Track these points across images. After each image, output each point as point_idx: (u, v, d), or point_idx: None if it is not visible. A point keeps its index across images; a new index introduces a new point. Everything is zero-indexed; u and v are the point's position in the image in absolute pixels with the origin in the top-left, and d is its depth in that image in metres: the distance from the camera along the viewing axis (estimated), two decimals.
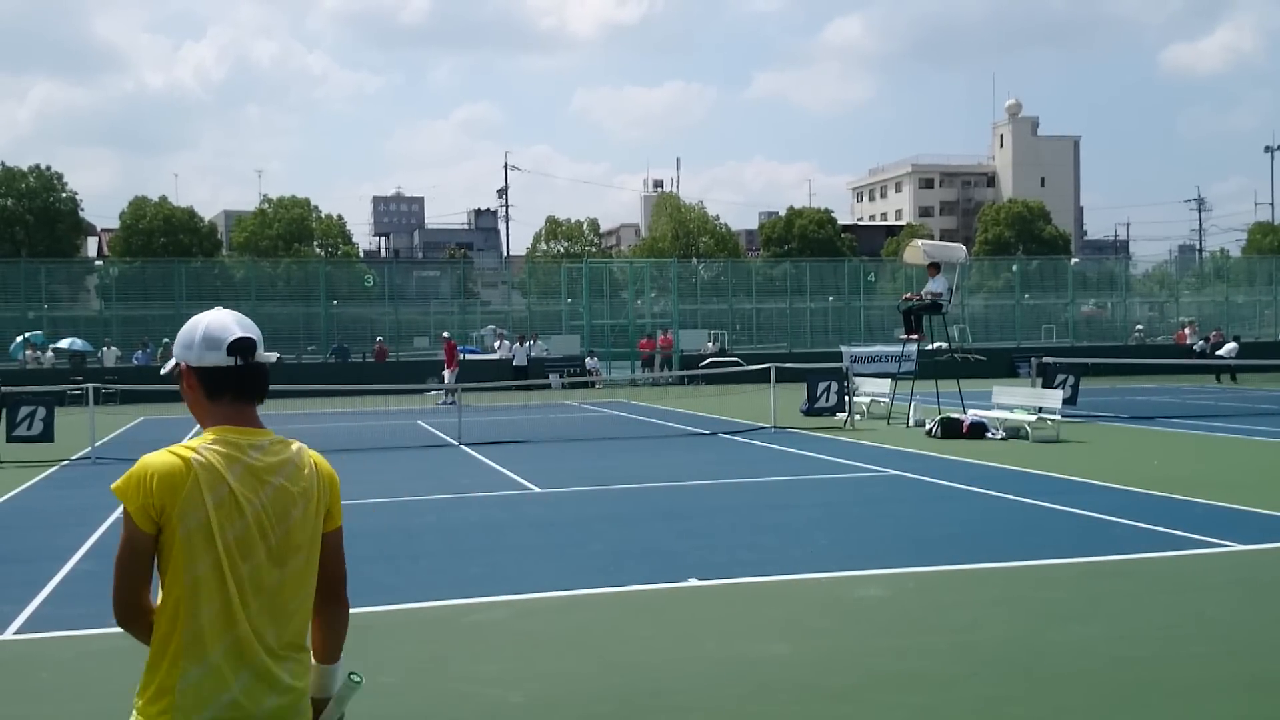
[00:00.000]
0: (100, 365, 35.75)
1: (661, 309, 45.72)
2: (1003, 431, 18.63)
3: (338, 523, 2.86)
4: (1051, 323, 49.37)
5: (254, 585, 2.63)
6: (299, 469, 2.74)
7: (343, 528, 2.88)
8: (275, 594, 2.67)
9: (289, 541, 2.69)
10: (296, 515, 2.71)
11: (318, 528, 2.78)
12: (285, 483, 2.70)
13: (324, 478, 2.81)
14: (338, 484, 2.86)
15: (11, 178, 61.57)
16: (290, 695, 2.68)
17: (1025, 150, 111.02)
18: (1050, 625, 7.15)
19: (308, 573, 2.76)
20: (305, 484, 2.74)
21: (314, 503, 2.75)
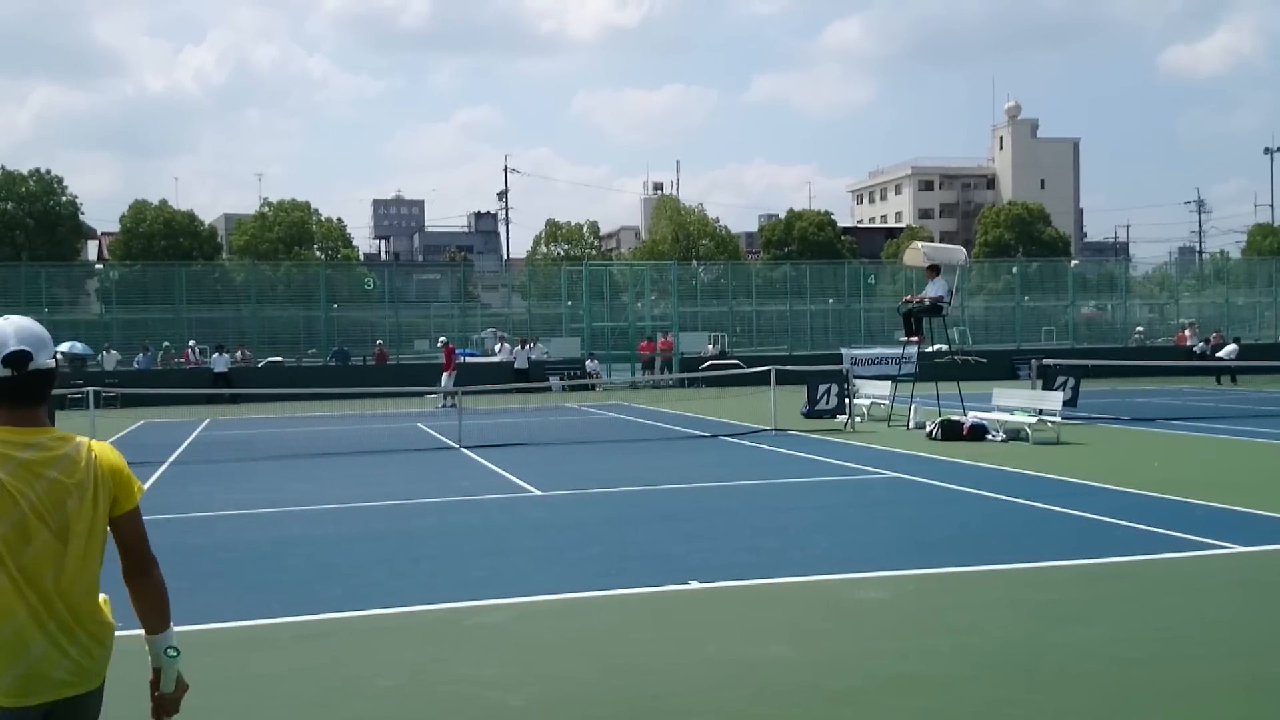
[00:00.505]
0: (100, 369, 35.73)
1: (662, 311, 45.72)
2: (1003, 433, 18.61)
3: (128, 506, 3.15)
4: (1051, 325, 49.36)
5: (40, 566, 2.94)
6: (74, 463, 3.02)
7: (139, 509, 3.20)
8: (62, 573, 2.99)
9: (69, 527, 2.99)
10: (73, 504, 3.00)
11: (99, 514, 3.07)
12: (60, 475, 2.98)
13: (104, 469, 3.08)
14: (122, 472, 3.14)
15: (12, 181, 61.61)
16: (82, 661, 3.04)
17: (1025, 152, 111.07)
18: (1051, 627, 7.13)
19: (90, 554, 3.06)
20: (81, 476, 3.02)
21: (91, 492, 3.03)
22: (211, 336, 40.72)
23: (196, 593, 8.57)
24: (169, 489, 14.70)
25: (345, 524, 11.70)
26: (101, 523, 3.09)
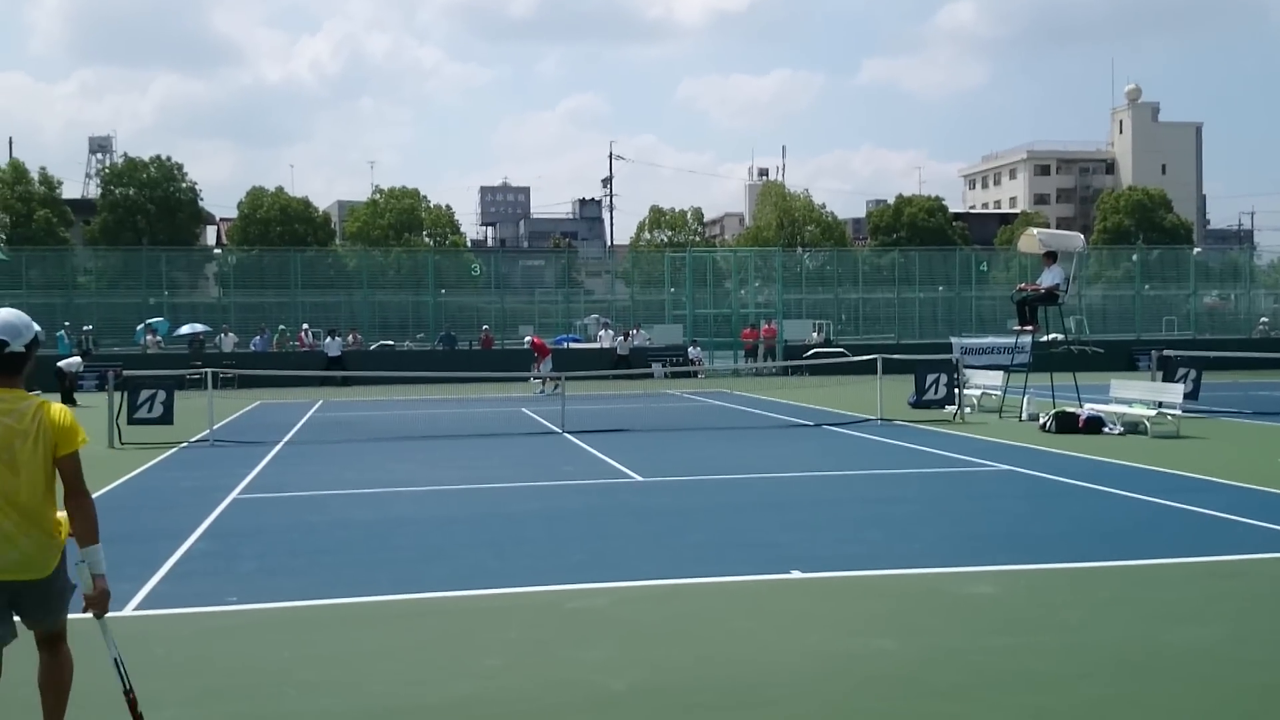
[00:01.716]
0: (218, 351, 36.91)
1: (765, 298, 45.46)
2: (1120, 426, 18.07)
3: (64, 451, 4.35)
4: (1172, 314, 47.81)
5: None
6: (23, 415, 4.29)
7: (77, 453, 4.40)
8: (17, 493, 4.27)
9: (16, 459, 4.26)
10: (19, 444, 4.27)
11: (43, 454, 4.31)
12: (11, 423, 4.28)
13: (49, 422, 4.33)
14: (62, 425, 4.35)
15: (134, 168, 64.02)
16: (24, 553, 4.30)
17: (1145, 136, 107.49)
18: (1166, 626, 6.90)
19: (35, 482, 4.30)
20: (27, 425, 4.28)
21: (33, 437, 4.28)
22: (324, 320, 41.82)
23: (310, 569, 8.81)
24: (284, 468, 15.12)
25: (450, 506, 11.89)
26: (45, 459, 4.31)
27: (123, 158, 67.41)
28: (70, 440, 4.36)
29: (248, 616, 7.44)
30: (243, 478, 13.98)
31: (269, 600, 7.74)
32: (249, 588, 8.13)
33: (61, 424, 4.34)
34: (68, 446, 4.35)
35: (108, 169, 69.25)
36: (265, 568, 8.86)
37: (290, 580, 8.39)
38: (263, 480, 13.91)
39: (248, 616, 7.44)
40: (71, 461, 4.36)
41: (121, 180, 63.80)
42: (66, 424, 4.36)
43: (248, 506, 11.89)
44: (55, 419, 4.33)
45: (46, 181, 61.89)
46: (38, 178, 61.50)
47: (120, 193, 63.22)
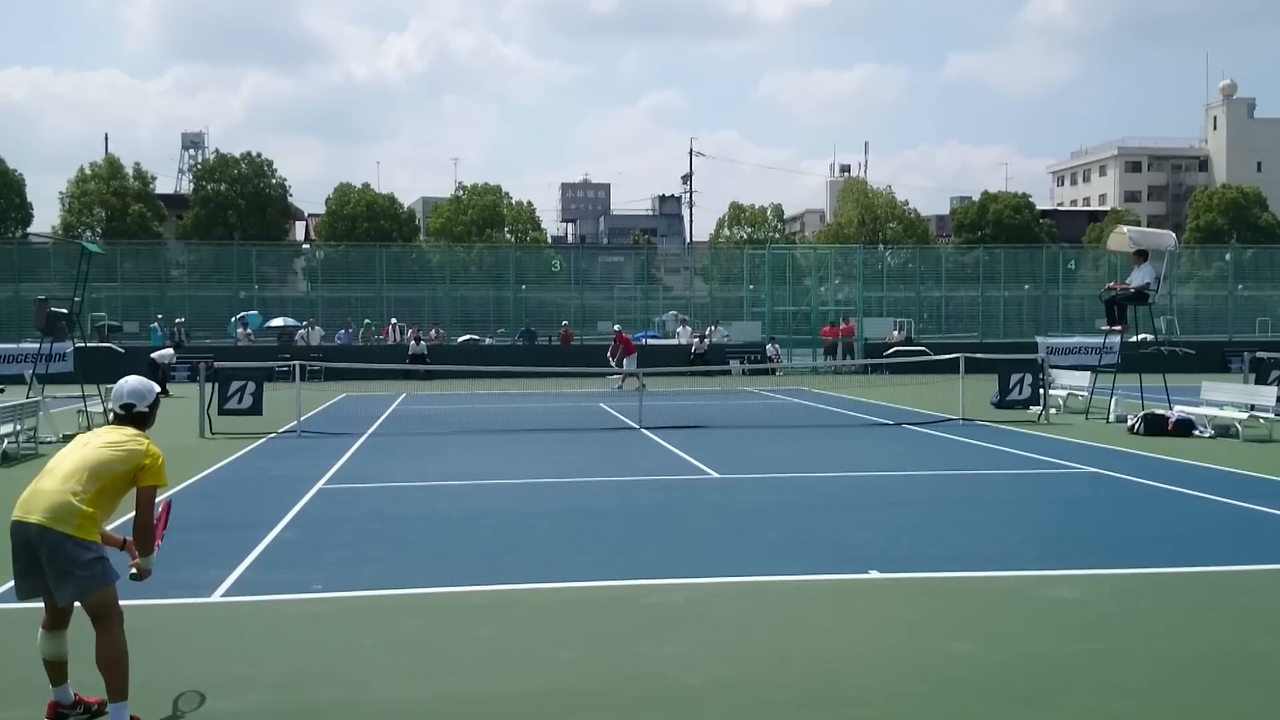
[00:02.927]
0: (306, 344, 37.66)
1: (845, 296, 45.06)
2: (1211, 429, 17.61)
3: (144, 484, 5.30)
4: (1267, 315, 46.38)
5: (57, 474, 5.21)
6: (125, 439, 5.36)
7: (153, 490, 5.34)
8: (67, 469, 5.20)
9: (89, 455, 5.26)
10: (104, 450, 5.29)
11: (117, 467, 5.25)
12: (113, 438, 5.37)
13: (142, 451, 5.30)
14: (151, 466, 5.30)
15: (225, 164, 65.60)
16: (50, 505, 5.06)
17: (1240, 133, 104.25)
18: (1257, 634, 6.72)
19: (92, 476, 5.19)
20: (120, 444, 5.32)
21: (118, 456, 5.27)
22: (409, 315, 42.43)
23: (392, 559, 8.97)
24: (368, 459, 15.39)
25: (529, 499, 12.01)
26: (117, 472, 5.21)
27: (214, 154, 69.12)
28: (149, 477, 5.25)
29: (331, 604, 7.60)
30: (328, 468, 14.26)
31: (352, 589, 7.90)
32: (333, 576, 8.30)
33: (150, 462, 5.27)
34: (146, 480, 5.25)
35: (200, 165, 71.14)
36: (349, 557, 9.04)
37: (373, 570, 8.55)
38: (347, 471, 14.17)
39: (331, 604, 7.60)
40: (148, 493, 5.26)
41: (213, 176, 65.41)
42: (154, 464, 5.28)
43: (333, 497, 12.13)
44: (149, 452, 5.28)
45: (141, 177, 63.69)
46: (132, 173, 63.31)
47: (212, 188, 64.82)
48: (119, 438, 5.31)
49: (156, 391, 5.65)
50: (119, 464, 5.20)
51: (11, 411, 15.50)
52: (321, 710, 5.52)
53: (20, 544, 5.09)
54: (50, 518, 5.02)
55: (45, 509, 5.03)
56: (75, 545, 5.02)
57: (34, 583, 5.11)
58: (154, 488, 5.25)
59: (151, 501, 5.25)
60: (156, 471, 5.26)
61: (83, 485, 5.10)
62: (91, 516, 5.09)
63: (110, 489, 5.18)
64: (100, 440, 5.29)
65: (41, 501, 5.07)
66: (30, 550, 5.06)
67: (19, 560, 5.12)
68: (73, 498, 5.05)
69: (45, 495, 5.08)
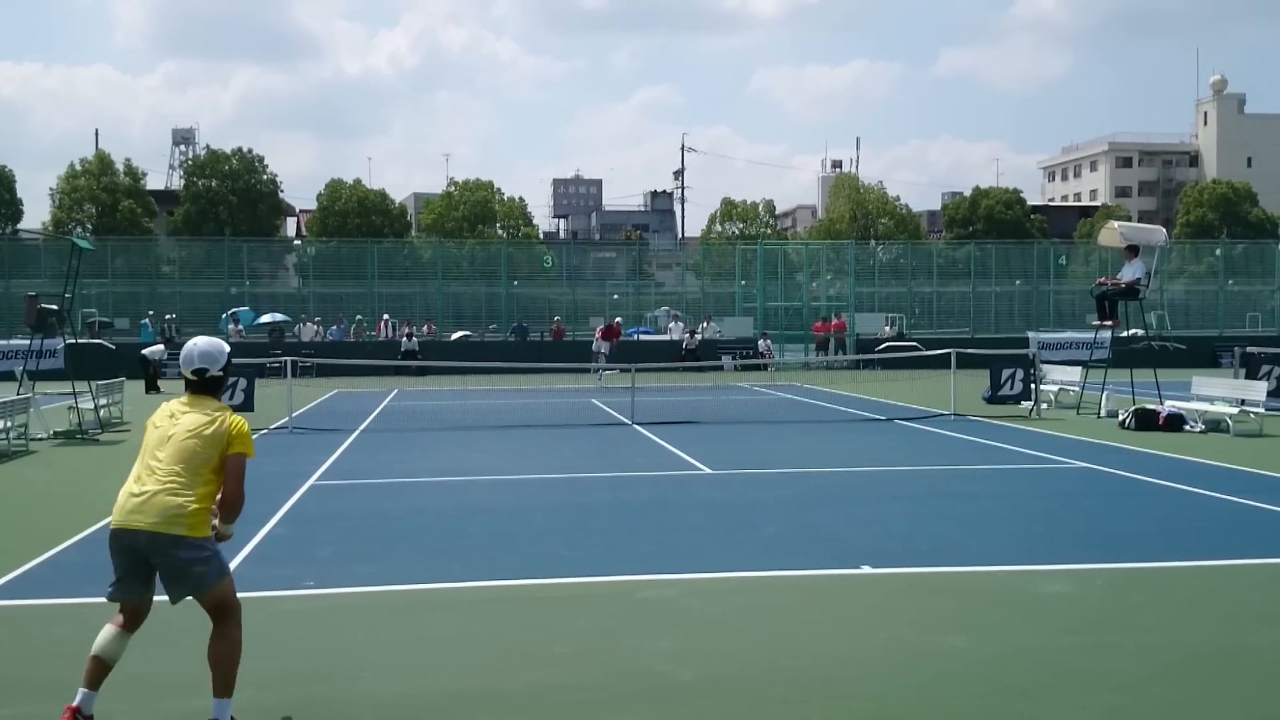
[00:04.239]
0: (297, 340, 37.60)
1: (837, 291, 45.11)
2: (1202, 424, 17.68)
3: (233, 450, 5.12)
4: (1257, 311, 46.55)
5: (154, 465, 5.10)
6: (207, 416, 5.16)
7: (241, 456, 5.13)
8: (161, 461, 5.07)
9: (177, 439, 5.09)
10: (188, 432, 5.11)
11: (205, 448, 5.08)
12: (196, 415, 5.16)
13: (226, 426, 5.13)
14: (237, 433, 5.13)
15: (216, 160, 65.42)
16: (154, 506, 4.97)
17: (1231, 128, 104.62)
18: (1247, 628, 6.75)
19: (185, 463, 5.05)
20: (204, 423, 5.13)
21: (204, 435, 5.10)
22: (400, 311, 42.38)
23: (386, 555, 8.97)
24: (361, 455, 15.38)
25: (523, 495, 12.01)
26: (207, 453, 5.05)
27: (205, 150, 68.99)
28: (237, 447, 5.12)
29: (324, 601, 7.60)
30: (320, 464, 14.25)
31: (345, 585, 7.90)
32: (326, 572, 8.30)
33: (235, 431, 5.13)
34: (234, 448, 5.11)
35: (191, 161, 70.90)
36: (341, 553, 9.04)
37: (366, 566, 8.54)
38: (340, 467, 14.17)
39: (324, 601, 7.60)
40: (239, 462, 5.13)
41: (204, 172, 65.23)
42: (239, 433, 5.14)
43: (325, 493, 12.12)
44: (231, 425, 5.15)
45: (131, 173, 63.49)
46: (123, 169, 63.11)
47: (203, 184, 64.66)
48: (199, 422, 5.12)
49: (228, 351, 5.42)
50: (209, 450, 5.07)
51: (2, 408, 15.46)
52: (315, 706, 5.52)
53: (127, 550, 5.00)
54: (159, 521, 4.93)
55: (153, 513, 4.94)
56: (189, 546, 4.96)
57: (138, 587, 5.08)
58: (243, 456, 5.13)
59: (241, 471, 5.12)
60: (243, 441, 5.13)
61: (184, 482, 5.00)
62: (200, 513, 5.02)
63: (209, 478, 5.08)
64: (184, 429, 5.11)
65: (147, 505, 4.96)
66: (137, 555, 4.99)
67: (122, 565, 5.05)
68: (179, 498, 4.97)
69: (149, 498, 4.97)
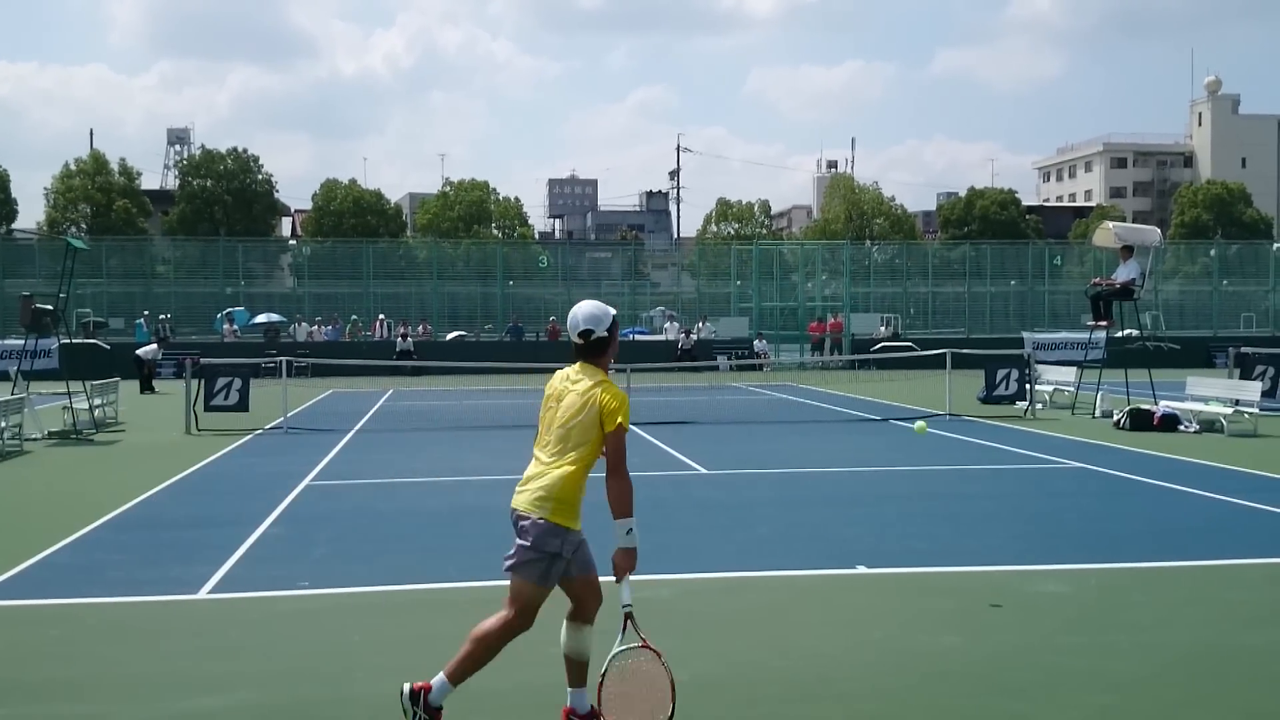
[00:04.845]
0: (293, 339, 37.56)
1: (832, 292, 45.14)
2: (1196, 424, 17.70)
3: (607, 429, 4.84)
4: (1251, 311, 46.67)
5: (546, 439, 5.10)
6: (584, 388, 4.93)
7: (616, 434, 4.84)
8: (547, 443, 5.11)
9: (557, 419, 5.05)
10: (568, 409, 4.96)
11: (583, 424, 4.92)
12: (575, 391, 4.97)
13: (598, 400, 4.85)
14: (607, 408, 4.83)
15: (211, 160, 65.36)
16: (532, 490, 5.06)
17: (1225, 129, 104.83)
18: (1242, 628, 6.76)
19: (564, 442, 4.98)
20: (582, 396, 4.91)
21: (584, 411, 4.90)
22: (396, 311, 42.34)
23: (381, 555, 8.96)
24: (356, 455, 15.37)
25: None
26: (585, 430, 4.88)
27: (200, 149, 68.87)
28: (609, 421, 4.81)
29: (319, 601, 7.59)
30: (315, 464, 14.23)
31: (340, 585, 7.89)
32: (321, 572, 8.29)
33: (606, 405, 4.82)
34: (607, 426, 4.82)
35: (185, 160, 70.84)
36: (337, 553, 9.03)
37: (361, 566, 8.53)
38: (335, 467, 14.15)
39: (319, 601, 7.59)
40: (610, 439, 4.84)
41: (199, 172, 65.17)
42: (610, 407, 4.81)
43: (320, 493, 12.11)
44: (603, 398, 4.84)
45: (126, 172, 63.41)
46: (117, 169, 63.04)
47: (198, 184, 64.60)
48: (577, 395, 4.92)
49: (613, 314, 5.10)
50: (586, 426, 4.89)
51: None
52: (309, 707, 5.52)
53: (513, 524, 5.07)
54: (529, 502, 4.97)
55: (528, 494, 5.00)
56: (545, 531, 4.96)
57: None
58: (618, 432, 4.82)
59: (618, 448, 4.83)
60: (613, 413, 4.82)
61: (560, 462, 4.94)
62: (569, 500, 4.95)
63: (586, 456, 4.92)
64: (565, 404, 4.96)
65: (528, 485, 5.02)
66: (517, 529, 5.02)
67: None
68: (553, 478, 4.93)
69: (531, 479, 5.03)
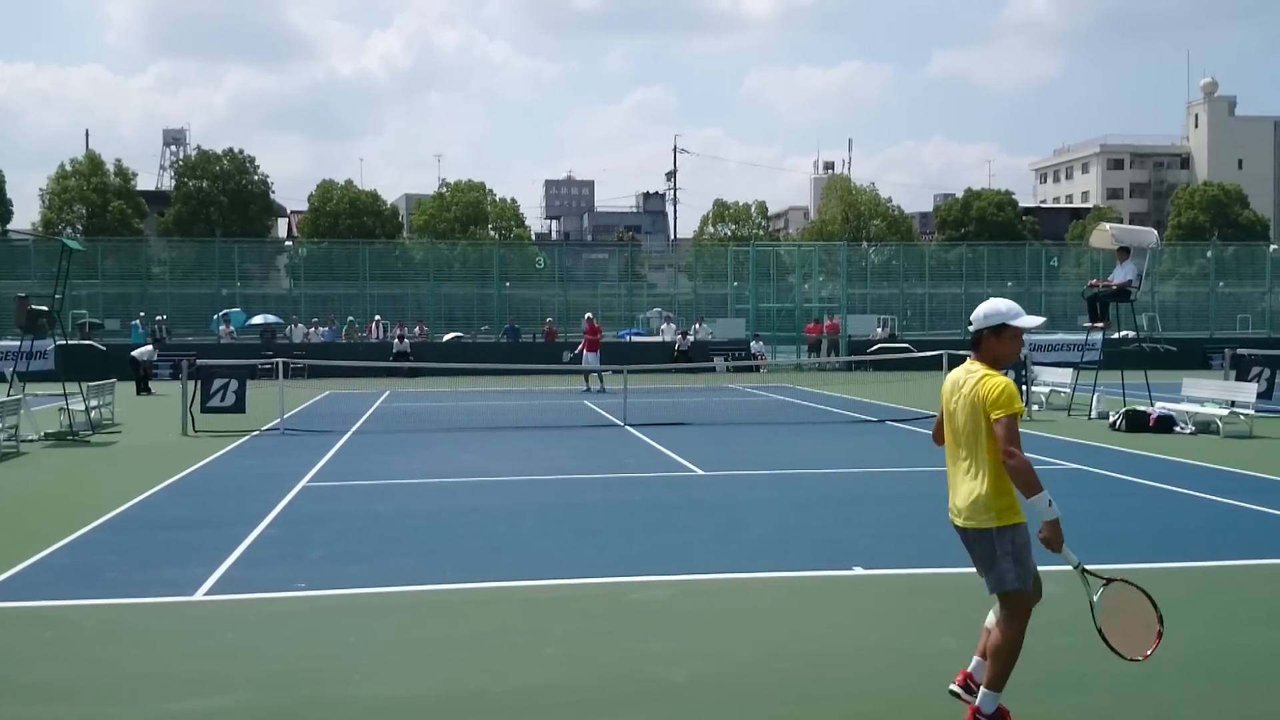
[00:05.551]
0: (289, 341, 37.51)
1: (829, 293, 45.16)
2: (1192, 426, 17.71)
3: (993, 416, 4.81)
4: (1247, 312, 46.74)
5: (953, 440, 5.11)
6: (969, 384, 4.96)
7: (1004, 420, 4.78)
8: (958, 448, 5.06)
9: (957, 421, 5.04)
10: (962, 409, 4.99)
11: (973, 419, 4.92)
12: (965, 390, 4.99)
13: (979, 391, 4.88)
14: (989, 397, 4.84)
15: (207, 161, 65.30)
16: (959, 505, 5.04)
17: (1222, 131, 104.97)
18: (1238, 628, 6.78)
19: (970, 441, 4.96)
20: (968, 392, 4.94)
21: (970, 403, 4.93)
22: (392, 312, 42.34)
23: (377, 556, 8.95)
24: (352, 457, 15.35)
25: (514, 496, 12.00)
26: (975, 424, 4.90)
27: (196, 150, 68.84)
28: (992, 408, 4.83)
29: (315, 602, 7.58)
30: (312, 466, 14.22)
31: (336, 587, 7.88)
32: (317, 574, 8.28)
33: (987, 394, 4.86)
34: (993, 412, 4.82)
35: (182, 161, 70.77)
36: (333, 555, 9.02)
37: (357, 567, 8.52)
38: (331, 469, 14.14)
39: (315, 602, 7.58)
40: (997, 426, 4.81)
41: (195, 173, 65.10)
42: (992, 396, 4.84)
43: (317, 494, 12.10)
44: (983, 388, 4.89)
45: (122, 173, 63.33)
46: (113, 170, 62.96)
47: (194, 185, 64.53)
48: (963, 394, 4.97)
49: (998, 311, 5.02)
50: (974, 422, 4.92)
51: None
52: (306, 708, 5.51)
53: (962, 541, 5.14)
54: (965, 518, 4.99)
55: (960, 509, 5.01)
56: (996, 536, 4.96)
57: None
58: (1006, 418, 4.78)
59: (1009, 435, 4.75)
60: (996, 400, 4.81)
61: (973, 466, 4.94)
62: (1003, 498, 4.92)
63: (986, 450, 4.88)
64: (955, 407, 5.02)
65: (954, 498, 5.05)
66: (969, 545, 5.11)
67: (969, 554, 5.16)
68: (974, 485, 4.93)
69: (954, 491, 5.05)
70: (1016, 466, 4.78)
